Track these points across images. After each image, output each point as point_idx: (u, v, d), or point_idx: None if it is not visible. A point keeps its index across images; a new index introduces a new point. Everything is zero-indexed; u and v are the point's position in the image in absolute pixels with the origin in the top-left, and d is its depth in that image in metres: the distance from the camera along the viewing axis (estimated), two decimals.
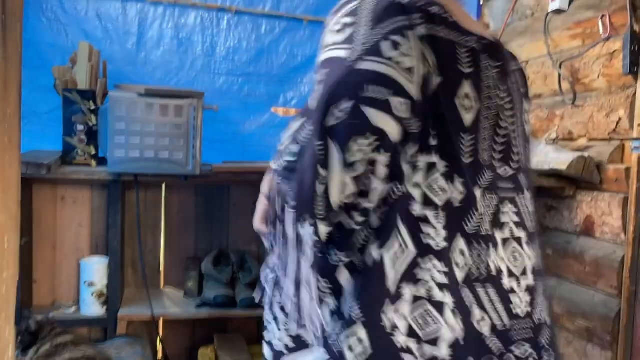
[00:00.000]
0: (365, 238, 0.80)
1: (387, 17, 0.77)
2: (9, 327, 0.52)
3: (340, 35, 0.78)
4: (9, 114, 0.50)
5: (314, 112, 0.74)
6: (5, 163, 0.50)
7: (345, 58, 0.75)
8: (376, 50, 0.74)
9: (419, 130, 0.79)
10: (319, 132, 0.73)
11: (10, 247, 0.51)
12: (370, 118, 0.73)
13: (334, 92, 0.73)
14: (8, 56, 0.49)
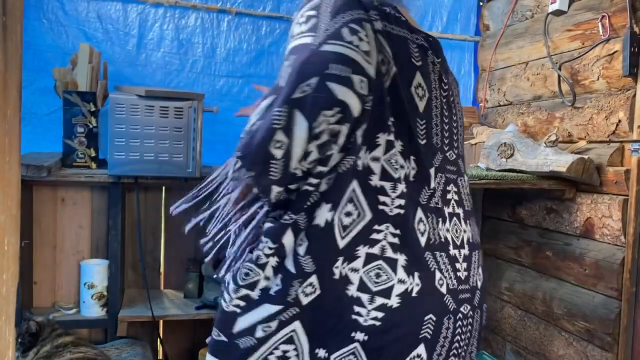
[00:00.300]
0: (313, 200, 0.87)
1: (347, 9, 0.87)
2: (9, 328, 0.52)
3: (305, 25, 0.87)
4: (9, 115, 0.50)
5: (282, 89, 0.82)
6: (5, 165, 0.50)
7: (311, 43, 0.84)
8: (337, 35, 0.83)
9: (375, 110, 0.88)
10: (283, 102, 0.81)
11: (10, 249, 0.51)
12: (334, 92, 0.81)
13: (301, 70, 0.81)
14: (8, 57, 0.49)
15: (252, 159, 0.84)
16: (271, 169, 0.83)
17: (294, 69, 0.82)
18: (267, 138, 0.81)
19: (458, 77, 2.74)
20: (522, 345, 2.25)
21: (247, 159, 0.85)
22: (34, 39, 2.13)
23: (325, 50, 0.82)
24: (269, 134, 0.81)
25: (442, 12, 2.70)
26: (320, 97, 0.81)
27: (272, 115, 0.81)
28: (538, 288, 2.15)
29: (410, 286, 0.88)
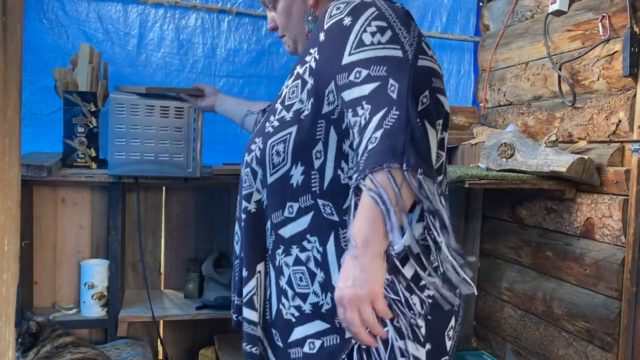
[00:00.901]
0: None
1: (410, 20, 0.96)
2: (9, 328, 0.52)
3: (381, 36, 0.89)
4: (9, 115, 0.50)
5: (394, 100, 0.83)
6: (6, 165, 0.50)
7: (403, 57, 0.86)
8: (423, 50, 0.89)
9: None
10: (414, 114, 0.82)
11: (10, 249, 0.51)
12: (443, 103, 0.88)
13: (415, 84, 0.84)
14: (8, 58, 0.49)
15: (429, 167, 0.82)
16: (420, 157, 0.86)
17: (404, 82, 0.84)
18: (426, 145, 0.82)
19: (458, 77, 2.75)
20: (522, 345, 2.25)
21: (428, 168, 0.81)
22: (34, 39, 2.13)
23: (422, 65, 0.87)
24: (424, 141, 0.82)
25: (442, 12, 2.70)
26: (436, 108, 0.86)
27: (414, 126, 0.81)
28: (538, 288, 2.15)
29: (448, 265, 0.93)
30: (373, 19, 0.91)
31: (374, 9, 0.93)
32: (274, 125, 1.03)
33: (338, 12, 0.96)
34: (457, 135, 2.44)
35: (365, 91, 0.86)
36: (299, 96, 1.00)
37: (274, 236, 1.03)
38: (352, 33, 0.91)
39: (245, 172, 1.09)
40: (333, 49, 0.93)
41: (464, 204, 2.53)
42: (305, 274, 0.98)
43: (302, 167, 0.98)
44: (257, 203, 1.07)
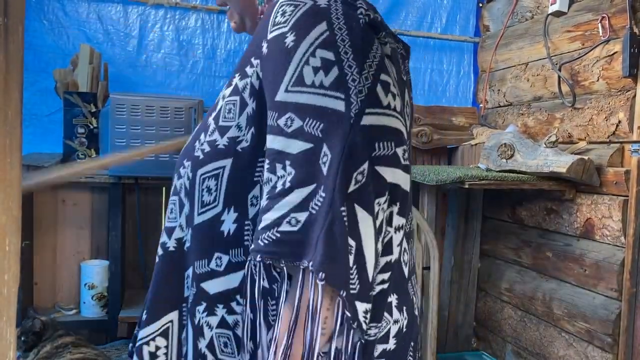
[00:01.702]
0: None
1: (368, 48, 0.74)
2: (10, 329, 0.52)
3: (324, 75, 0.71)
4: (10, 116, 0.50)
5: (326, 177, 0.68)
6: (6, 165, 0.50)
7: (344, 112, 0.70)
8: (374, 99, 0.72)
9: None
10: (342, 198, 0.67)
11: (11, 249, 0.51)
12: (385, 176, 0.72)
13: (350, 155, 0.69)
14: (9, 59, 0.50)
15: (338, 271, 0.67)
16: (351, 282, 0.68)
17: (339, 151, 0.68)
18: (342, 243, 0.67)
19: (457, 78, 2.75)
20: (522, 345, 2.25)
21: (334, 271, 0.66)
22: (34, 40, 2.13)
23: (367, 125, 0.70)
24: (342, 237, 0.67)
25: (442, 13, 2.71)
26: (375, 184, 0.71)
27: (336, 214, 0.67)
28: (538, 289, 2.15)
29: (401, 323, 0.82)
30: (319, 45, 0.72)
31: (324, 27, 0.73)
32: (204, 150, 0.83)
33: (282, 22, 0.75)
34: (457, 136, 2.45)
35: (293, 149, 0.70)
36: (236, 119, 0.81)
37: (196, 289, 0.83)
38: (292, 62, 0.72)
39: (173, 201, 0.88)
40: (272, 74, 0.75)
41: (464, 204, 2.53)
42: (231, 340, 0.81)
43: (235, 213, 0.80)
44: (177, 241, 0.86)
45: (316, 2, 0.75)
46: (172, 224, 0.88)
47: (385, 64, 0.75)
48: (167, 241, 0.88)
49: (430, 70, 2.72)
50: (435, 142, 2.41)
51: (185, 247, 0.86)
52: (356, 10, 0.77)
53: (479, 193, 2.53)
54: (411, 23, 2.67)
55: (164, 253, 0.88)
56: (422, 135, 2.38)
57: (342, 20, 0.75)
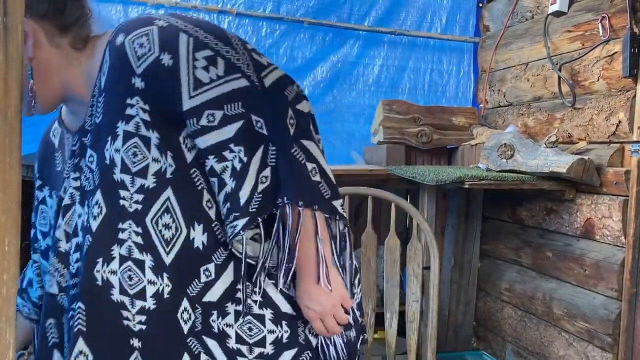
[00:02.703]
0: None
1: (223, 30, 0.87)
2: (9, 329, 0.52)
3: (214, 69, 0.82)
4: (9, 116, 0.50)
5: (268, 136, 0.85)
6: (6, 165, 0.50)
7: (249, 85, 0.83)
8: (259, 65, 0.86)
9: None
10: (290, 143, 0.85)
11: (11, 249, 0.51)
12: (303, 109, 0.89)
13: (277, 112, 0.85)
14: (9, 58, 0.50)
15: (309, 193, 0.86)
16: (323, 192, 0.87)
17: (266, 114, 0.84)
18: (305, 172, 0.85)
19: (457, 78, 2.76)
20: (522, 345, 2.25)
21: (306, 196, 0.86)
22: None
23: (270, 83, 0.85)
24: (304, 168, 0.85)
25: (441, 13, 2.71)
26: (301, 120, 0.87)
27: (290, 156, 0.84)
28: (538, 289, 2.15)
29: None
30: (194, 50, 0.82)
31: (185, 37, 0.82)
32: (137, 200, 0.85)
33: (147, 51, 0.82)
34: (457, 136, 2.45)
35: (229, 133, 0.82)
36: (147, 156, 0.85)
37: (200, 308, 0.87)
38: (181, 74, 0.81)
39: (126, 267, 0.85)
40: (165, 96, 0.82)
41: (464, 204, 2.53)
42: (253, 322, 0.90)
43: (200, 225, 0.87)
44: (155, 297, 0.85)
45: (157, 25, 0.84)
46: (138, 287, 0.85)
47: (241, 39, 0.88)
48: (144, 303, 0.86)
49: (430, 70, 2.72)
50: (435, 142, 2.41)
51: (165, 295, 0.86)
52: (191, 18, 0.88)
53: (479, 193, 2.53)
54: (411, 23, 2.67)
55: (148, 316, 0.85)
56: (422, 135, 2.38)
57: (189, 25, 0.85)
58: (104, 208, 0.86)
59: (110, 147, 0.86)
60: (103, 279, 0.85)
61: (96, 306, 0.85)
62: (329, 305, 0.90)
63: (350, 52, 2.62)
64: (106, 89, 0.87)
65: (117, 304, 0.85)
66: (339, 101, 2.62)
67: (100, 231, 0.86)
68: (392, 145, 2.35)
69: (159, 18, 0.86)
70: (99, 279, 0.85)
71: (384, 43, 2.65)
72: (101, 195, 0.87)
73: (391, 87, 2.68)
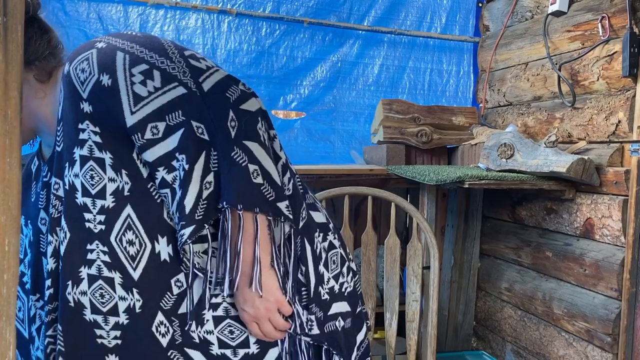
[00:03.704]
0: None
1: (159, 41, 0.88)
2: (9, 328, 0.52)
3: (151, 82, 0.83)
4: (9, 116, 0.50)
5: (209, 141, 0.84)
6: (6, 165, 0.50)
7: (187, 92, 0.83)
8: (196, 70, 0.85)
9: None
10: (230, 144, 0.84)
11: (11, 249, 0.51)
12: (249, 109, 0.87)
13: (217, 115, 0.84)
14: (9, 58, 0.50)
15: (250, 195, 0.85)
16: (265, 194, 0.85)
17: (206, 120, 0.83)
18: (246, 174, 0.84)
19: (457, 78, 2.76)
20: (522, 345, 2.25)
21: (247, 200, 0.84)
22: None
23: (209, 87, 0.84)
24: (245, 170, 0.83)
25: (441, 13, 2.71)
26: (248, 119, 0.85)
27: (231, 159, 0.83)
28: (538, 288, 2.15)
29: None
30: (130, 66, 0.83)
31: (121, 55, 0.84)
32: (100, 221, 0.87)
33: (88, 75, 0.85)
34: (457, 136, 2.45)
35: (174, 143, 0.83)
36: (104, 177, 0.87)
37: (177, 320, 0.89)
38: (121, 91, 0.83)
39: (97, 286, 0.88)
40: (111, 115, 0.84)
41: (464, 204, 2.53)
42: (233, 324, 0.91)
43: (163, 237, 0.88)
44: (127, 312, 0.88)
45: (97, 47, 0.87)
46: (109, 305, 0.88)
47: (176, 46, 0.88)
48: (118, 319, 0.88)
49: (430, 70, 2.72)
50: (435, 142, 2.41)
51: (136, 310, 0.88)
52: (127, 34, 0.89)
53: (479, 193, 2.53)
54: (411, 23, 2.67)
55: (123, 331, 0.88)
56: (422, 135, 2.38)
57: (126, 42, 0.86)
58: (68, 233, 0.88)
59: (69, 173, 0.88)
60: (75, 301, 0.87)
61: (71, 327, 0.88)
62: (262, 309, 0.89)
63: (350, 51, 2.62)
64: (62, 117, 0.90)
65: (90, 323, 0.88)
66: (338, 101, 2.62)
67: (68, 255, 0.88)
68: (392, 145, 2.35)
69: (100, 40, 0.88)
70: (71, 301, 0.87)
71: (384, 43, 2.66)
72: (65, 221, 0.89)
73: (391, 87, 2.68)
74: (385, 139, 2.35)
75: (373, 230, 1.75)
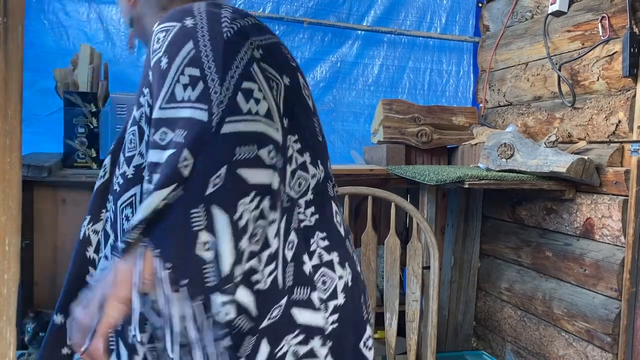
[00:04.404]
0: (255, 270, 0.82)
1: (233, 57, 0.78)
2: (9, 328, 0.52)
3: (191, 90, 0.77)
4: (10, 116, 0.50)
5: (186, 180, 0.73)
6: (7, 165, 0.50)
7: (206, 123, 0.74)
8: (234, 108, 0.75)
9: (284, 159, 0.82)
10: (198, 201, 0.72)
11: (11, 249, 0.51)
12: (246, 179, 0.74)
13: (208, 161, 0.73)
14: (9, 58, 0.50)
15: (184, 269, 0.71)
16: (206, 274, 0.72)
17: (197, 159, 0.74)
18: (192, 242, 0.71)
19: (457, 78, 2.76)
20: (522, 345, 2.25)
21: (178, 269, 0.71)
22: (35, 40, 2.13)
23: (226, 132, 0.74)
24: (192, 237, 0.71)
25: (441, 13, 2.71)
26: (233, 187, 0.74)
27: (189, 218, 0.72)
28: (538, 288, 2.15)
29: (346, 278, 0.92)
30: (187, 63, 0.78)
31: (191, 46, 0.79)
32: (119, 182, 0.88)
33: (158, 48, 0.82)
34: (457, 136, 2.45)
35: (165, 158, 0.76)
36: (137, 148, 0.86)
37: None
38: (166, 82, 0.79)
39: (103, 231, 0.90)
40: (154, 97, 0.81)
41: (464, 204, 2.53)
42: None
43: None
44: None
45: (184, 23, 0.81)
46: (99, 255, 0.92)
47: (253, 70, 0.79)
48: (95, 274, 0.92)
49: (430, 70, 2.72)
50: (435, 142, 2.41)
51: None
52: (220, 24, 0.81)
53: (479, 193, 2.53)
54: (410, 23, 2.67)
55: None
56: (422, 135, 2.38)
57: (207, 36, 0.80)
58: (107, 174, 0.93)
59: (127, 126, 0.92)
60: (85, 235, 0.95)
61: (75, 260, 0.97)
62: None
63: (350, 51, 2.62)
64: (144, 66, 0.90)
65: (90, 260, 0.96)
66: (338, 101, 2.62)
67: (99, 194, 0.94)
68: (392, 145, 2.35)
69: (192, 15, 0.82)
70: (82, 234, 0.95)
71: (384, 43, 2.66)
72: (109, 161, 0.95)
73: (391, 87, 2.68)
74: (385, 139, 2.35)
75: (373, 230, 1.75)
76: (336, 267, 0.91)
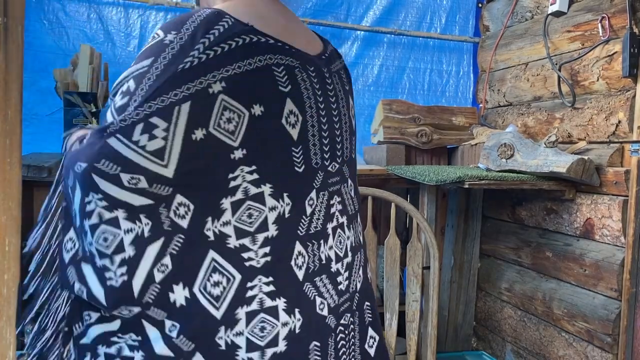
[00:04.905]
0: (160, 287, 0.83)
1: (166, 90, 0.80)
2: (9, 328, 0.52)
3: (119, 98, 0.82)
4: (10, 116, 0.50)
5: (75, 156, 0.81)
6: (7, 165, 0.50)
7: (106, 125, 0.79)
8: (127, 132, 0.78)
9: (199, 185, 0.83)
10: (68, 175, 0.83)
11: (11, 250, 0.51)
12: (98, 184, 0.78)
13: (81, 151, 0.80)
14: (9, 58, 0.50)
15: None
16: None
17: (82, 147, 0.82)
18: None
19: (457, 78, 2.75)
20: (521, 345, 2.25)
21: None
22: (35, 40, 2.13)
23: (108, 143, 0.78)
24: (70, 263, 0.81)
25: (441, 13, 2.71)
26: (86, 181, 0.79)
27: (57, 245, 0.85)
28: (538, 288, 2.15)
29: (293, 325, 0.87)
30: (134, 76, 0.82)
31: (148, 63, 0.82)
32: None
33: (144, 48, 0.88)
34: (457, 136, 2.45)
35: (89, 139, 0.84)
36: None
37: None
38: (117, 81, 0.87)
39: None
40: None
41: (464, 204, 2.53)
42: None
43: None
44: None
45: (165, 37, 0.82)
46: None
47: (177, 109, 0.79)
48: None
49: (429, 70, 2.72)
50: (435, 142, 2.41)
51: None
52: (190, 50, 0.81)
53: (479, 193, 2.53)
54: (410, 23, 2.68)
55: None
56: (422, 135, 2.38)
57: (166, 61, 0.81)
58: None
59: None
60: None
61: None
62: None
63: (350, 52, 2.62)
64: None
65: None
66: None
67: None
68: (392, 145, 2.35)
69: (180, 29, 0.83)
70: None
71: (384, 43, 2.66)
72: None
73: (391, 87, 2.68)
74: (385, 139, 2.35)
75: (373, 230, 1.75)
76: (280, 314, 0.86)
